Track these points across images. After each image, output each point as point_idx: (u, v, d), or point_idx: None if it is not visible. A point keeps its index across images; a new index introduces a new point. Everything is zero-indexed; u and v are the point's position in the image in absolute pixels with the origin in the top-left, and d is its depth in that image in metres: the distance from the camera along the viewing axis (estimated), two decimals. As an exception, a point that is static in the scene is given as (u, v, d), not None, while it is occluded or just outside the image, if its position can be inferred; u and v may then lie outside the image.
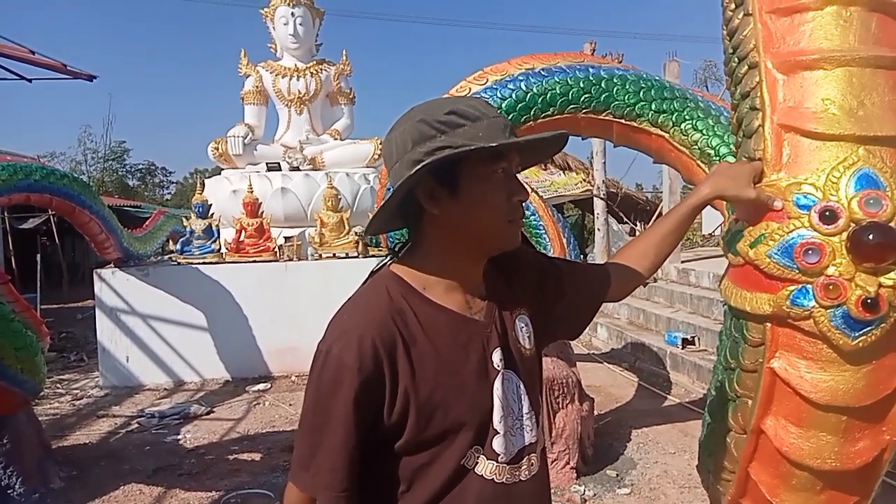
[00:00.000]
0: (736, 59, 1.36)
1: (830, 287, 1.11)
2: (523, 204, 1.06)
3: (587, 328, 1.33)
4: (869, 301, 1.09)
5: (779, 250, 1.16)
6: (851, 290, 1.09)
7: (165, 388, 6.74)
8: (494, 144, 0.95)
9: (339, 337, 0.98)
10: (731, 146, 2.76)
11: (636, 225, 16.57)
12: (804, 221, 1.14)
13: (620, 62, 4.83)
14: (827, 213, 1.11)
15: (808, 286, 1.13)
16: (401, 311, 1.01)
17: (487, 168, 0.99)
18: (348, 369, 0.94)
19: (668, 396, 5.83)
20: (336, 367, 0.95)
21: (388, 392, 0.96)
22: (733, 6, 1.41)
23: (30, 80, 11.22)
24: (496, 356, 1.05)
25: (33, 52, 9.95)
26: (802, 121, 1.19)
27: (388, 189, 2.95)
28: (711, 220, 18.28)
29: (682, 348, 6.36)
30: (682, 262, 8.83)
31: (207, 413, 5.74)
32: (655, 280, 8.69)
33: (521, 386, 1.08)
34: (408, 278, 1.05)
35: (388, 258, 1.13)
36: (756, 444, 1.32)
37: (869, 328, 1.11)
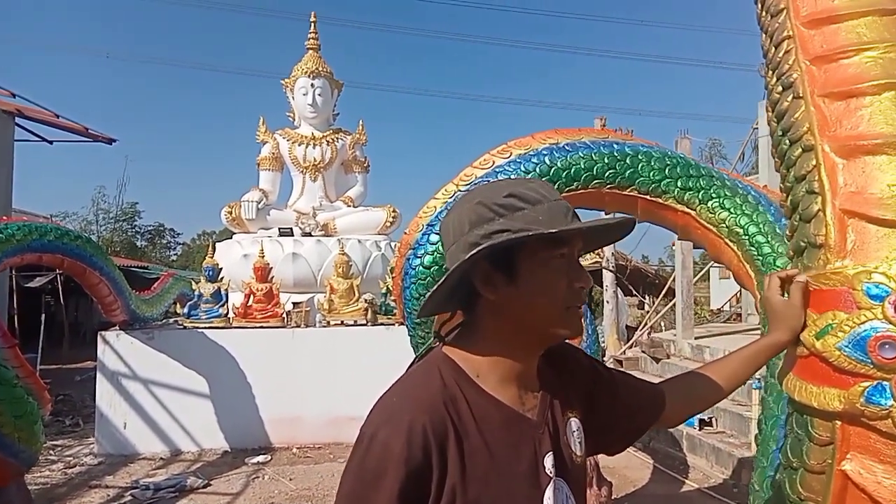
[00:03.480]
0: (787, 142, 1.33)
1: (912, 386, 1.02)
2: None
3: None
4: (955, 403, 1.00)
5: (850, 343, 1.08)
6: (936, 389, 1.01)
7: (162, 458, 6.51)
8: (555, 230, 0.90)
9: (387, 421, 0.90)
10: (760, 225, 2.72)
11: (644, 298, 16.45)
12: (877, 313, 1.07)
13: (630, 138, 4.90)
14: (903, 306, 1.04)
15: (886, 383, 1.05)
16: (454, 399, 0.93)
17: (547, 253, 0.94)
18: (395, 458, 0.85)
19: (686, 481, 5.58)
20: (381, 455, 0.87)
21: (435, 487, 0.87)
22: (780, 89, 1.39)
23: (51, 142, 11.48)
24: (548, 461, 0.97)
25: (58, 116, 10.22)
26: (867, 207, 1.14)
27: (434, 269, 2.89)
28: (720, 296, 18.19)
29: (700, 429, 6.13)
30: (696, 338, 8.67)
31: (204, 486, 5.52)
32: (668, 356, 8.51)
33: (571, 498, 1.00)
34: (461, 363, 0.98)
35: (435, 342, 1.06)
36: (827, 556, 1.20)
37: (955, 432, 1.02)
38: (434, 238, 2.91)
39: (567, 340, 1.12)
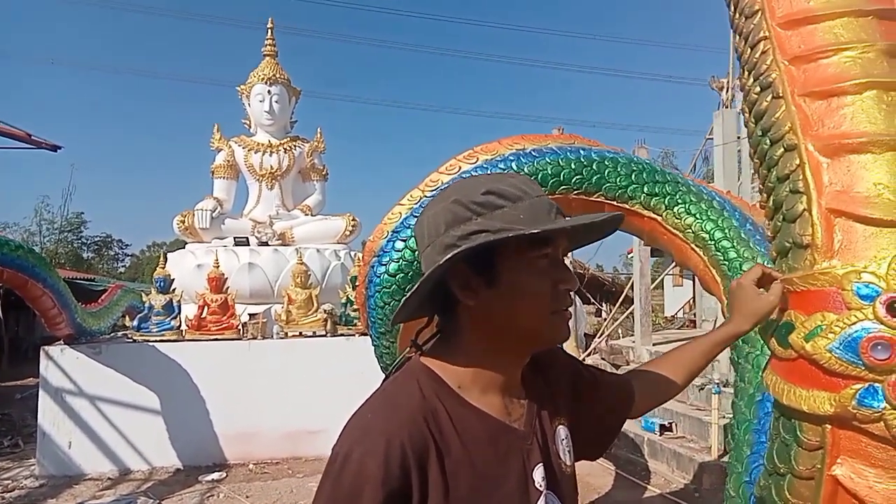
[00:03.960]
0: (768, 142, 1.31)
1: (906, 387, 1.00)
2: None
3: None
4: (949, 404, 0.98)
5: (841, 344, 1.06)
6: (930, 390, 0.99)
7: (109, 478, 6.21)
8: (537, 230, 0.83)
9: (362, 439, 0.82)
10: (726, 230, 2.74)
11: (602, 306, 16.68)
12: (868, 313, 1.04)
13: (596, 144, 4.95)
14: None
15: (878, 385, 1.03)
16: (434, 413, 0.86)
17: (530, 254, 0.88)
18: (371, 479, 0.78)
19: (648, 487, 5.61)
20: (356, 476, 0.79)
21: None
22: (758, 89, 1.38)
23: (-11, 149, 10.90)
24: (538, 474, 0.91)
25: (-3, 120, 9.71)
26: (854, 206, 1.12)
27: (400, 273, 2.80)
28: (673, 303, 18.55)
29: (660, 435, 6.19)
30: (654, 344, 8.80)
31: (155, 507, 5.26)
32: (628, 363, 8.61)
33: None
34: (441, 374, 0.91)
35: (412, 350, 0.99)
36: (818, 563, 1.17)
37: (950, 434, 1.00)
38: (399, 245, 2.83)
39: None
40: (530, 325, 0.90)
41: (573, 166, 2.87)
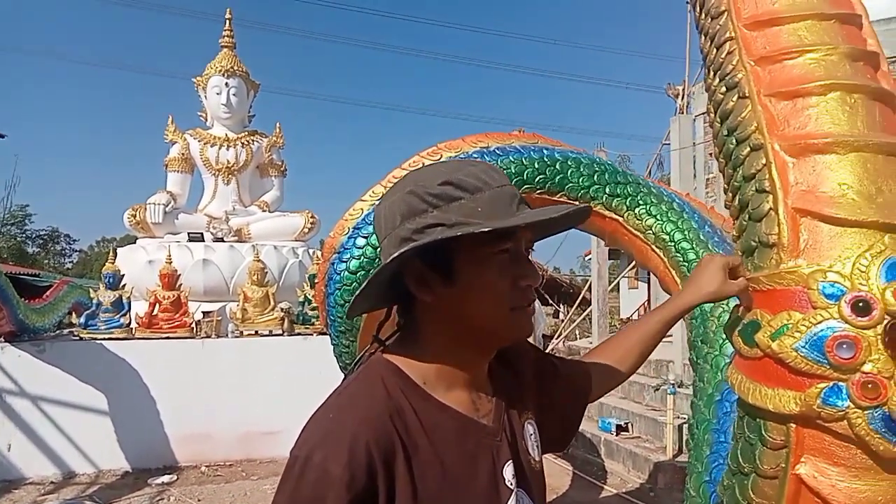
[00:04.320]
0: (734, 141, 1.32)
1: (869, 386, 1.00)
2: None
3: None
4: (914, 403, 0.99)
5: (807, 343, 1.06)
6: (892, 389, 1.00)
7: (52, 482, 5.96)
8: (487, 229, 0.79)
9: (324, 441, 0.78)
10: (685, 232, 2.77)
11: (559, 307, 16.87)
12: (833, 312, 1.05)
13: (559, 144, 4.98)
14: (860, 304, 1.02)
15: (842, 384, 1.03)
16: (400, 411, 0.82)
17: (488, 249, 0.84)
18: (335, 483, 0.74)
19: (605, 486, 5.67)
20: (318, 480, 0.75)
21: None
22: (724, 89, 1.39)
23: (-74, 136, 10.38)
24: (508, 472, 0.88)
25: (-66, 106, 9.23)
26: (819, 205, 1.13)
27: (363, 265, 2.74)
28: (629, 305, 18.92)
29: (617, 435, 6.27)
30: (610, 345, 8.92)
31: (101, 512, 5.07)
32: (586, 363, 8.71)
33: None
34: (406, 370, 0.87)
35: (374, 346, 0.95)
36: (780, 562, 1.17)
37: (913, 432, 1.01)
38: (361, 241, 2.78)
39: None
40: (490, 323, 0.87)
41: (536, 165, 2.86)
